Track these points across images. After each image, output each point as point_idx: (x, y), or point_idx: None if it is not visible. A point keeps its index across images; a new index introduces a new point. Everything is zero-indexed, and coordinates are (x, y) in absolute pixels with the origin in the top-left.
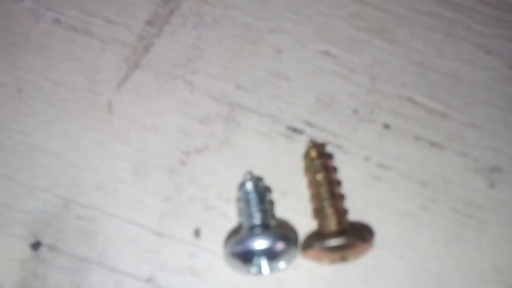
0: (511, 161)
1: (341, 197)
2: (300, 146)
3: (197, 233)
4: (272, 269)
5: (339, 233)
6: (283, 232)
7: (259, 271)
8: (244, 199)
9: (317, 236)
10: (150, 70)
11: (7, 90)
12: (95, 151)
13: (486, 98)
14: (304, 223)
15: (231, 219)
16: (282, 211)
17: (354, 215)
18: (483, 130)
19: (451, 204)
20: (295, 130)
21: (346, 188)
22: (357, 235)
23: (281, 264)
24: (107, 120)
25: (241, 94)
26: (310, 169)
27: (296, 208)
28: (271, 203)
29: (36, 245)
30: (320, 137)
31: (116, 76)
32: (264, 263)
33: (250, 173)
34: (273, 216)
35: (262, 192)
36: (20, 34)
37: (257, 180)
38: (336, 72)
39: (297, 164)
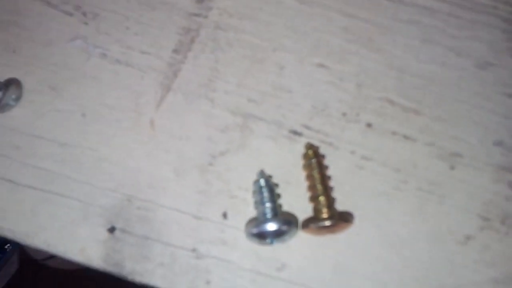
0: (470, 147)
1: (330, 189)
2: (300, 145)
3: (225, 215)
4: (279, 242)
5: (328, 217)
6: (287, 218)
7: (271, 243)
8: (258, 192)
9: (312, 219)
10: (180, 91)
11: (74, 116)
12: (146, 159)
13: (454, 95)
14: (303, 205)
15: (249, 204)
16: (287, 196)
17: (342, 196)
18: (448, 123)
19: (418, 184)
20: (296, 133)
21: (336, 176)
22: (341, 218)
23: (286, 238)
24: (151, 134)
25: (252, 106)
26: (307, 166)
27: (297, 194)
28: (278, 195)
29: (112, 230)
30: (315, 137)
31: (154, 99)
32: (274, 238)
33: (262, 171)
34: (280, 206)
35: (272, 187)
36: (76, 69)
37: (268, 178)
38: (328, 82)
39: (298, 160)
